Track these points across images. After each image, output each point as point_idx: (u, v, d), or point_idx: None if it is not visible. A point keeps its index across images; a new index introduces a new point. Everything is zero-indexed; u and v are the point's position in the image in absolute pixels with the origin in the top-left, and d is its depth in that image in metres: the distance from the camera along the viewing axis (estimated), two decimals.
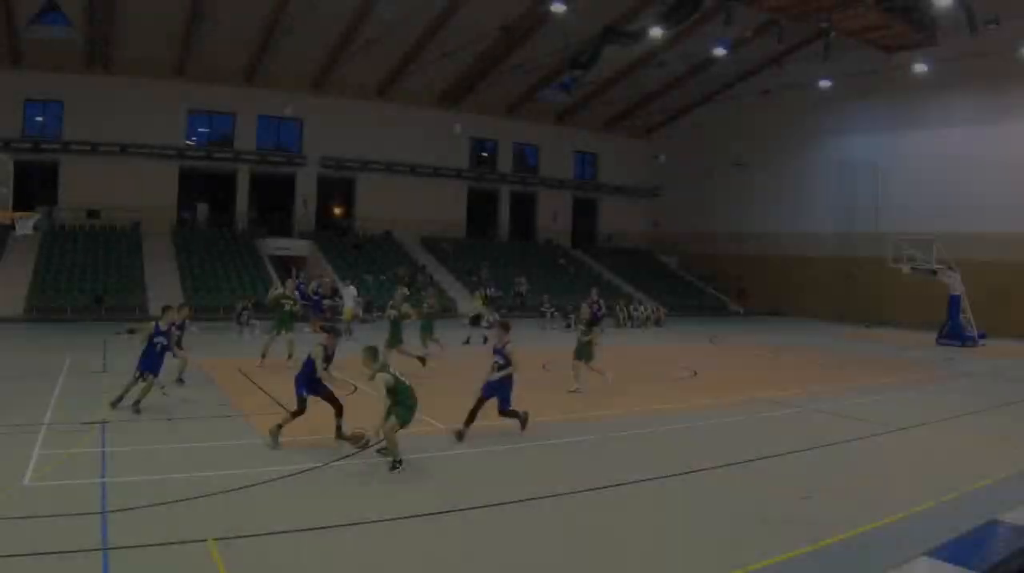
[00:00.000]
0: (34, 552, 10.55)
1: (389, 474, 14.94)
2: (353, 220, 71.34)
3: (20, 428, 17.60)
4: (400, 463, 15.14)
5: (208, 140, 67.33)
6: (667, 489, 14.79)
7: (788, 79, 64.21)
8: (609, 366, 26.29)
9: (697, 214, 78.34)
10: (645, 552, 11.63)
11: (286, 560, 10.83)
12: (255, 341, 31.97)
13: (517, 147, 79.15)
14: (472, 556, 11.24)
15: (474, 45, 59.09)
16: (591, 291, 38.31)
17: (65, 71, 58.33)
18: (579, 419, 20.68)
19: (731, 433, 20.13)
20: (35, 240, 53.16)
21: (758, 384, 28.27)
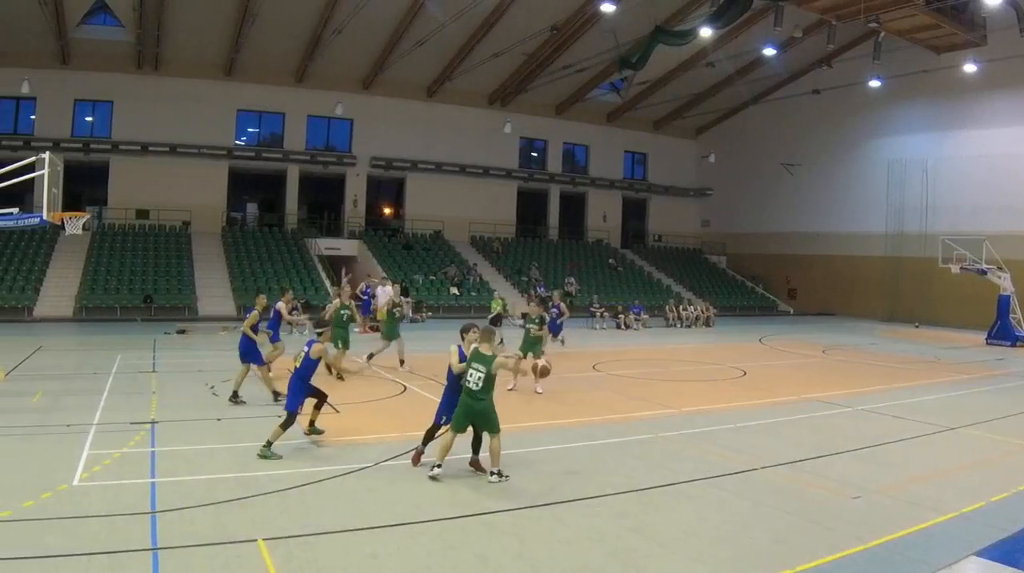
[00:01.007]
0: (85, 552, 10.57)
1: (440, 473, 14.69)
2: (403, 220, 71.27)
3: (70, 428, 17.67)
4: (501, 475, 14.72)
5: (258, 140, 67.61)
6: (716, 489, 14.66)
7: (838, 79, 63.83)
8: (655, 365, 26.26)
9: (746, 214, 78.22)
10: (693, 552, 11.53)
11: (336, 560, 10.79)
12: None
13: (567, 147, 78.88)
14: (523, 556, 11.18)
15: (524, 45, 59.20)
16: (555, 292, 38.89)
17: (115, 71, 58.75)
18: (628, 419, 20.58)
19: (780, 433, 19.98)
20: (85, 240, 53.86)
21: (807, 384, 28.14)
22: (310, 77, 63.83)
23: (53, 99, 58.39)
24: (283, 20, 55.18)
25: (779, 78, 70.21)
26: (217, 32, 56.79)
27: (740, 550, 11.77)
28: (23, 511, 12.09)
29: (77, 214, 23.83)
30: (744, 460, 16.65)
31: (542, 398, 22.97)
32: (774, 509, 13.59)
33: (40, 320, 45.95)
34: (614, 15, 52.28)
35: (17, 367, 26.98)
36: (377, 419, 17.27)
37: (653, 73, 65.86)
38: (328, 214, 70.47)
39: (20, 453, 15.65)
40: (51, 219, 21.43)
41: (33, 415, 19.23)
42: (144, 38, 56.21)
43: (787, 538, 12.20)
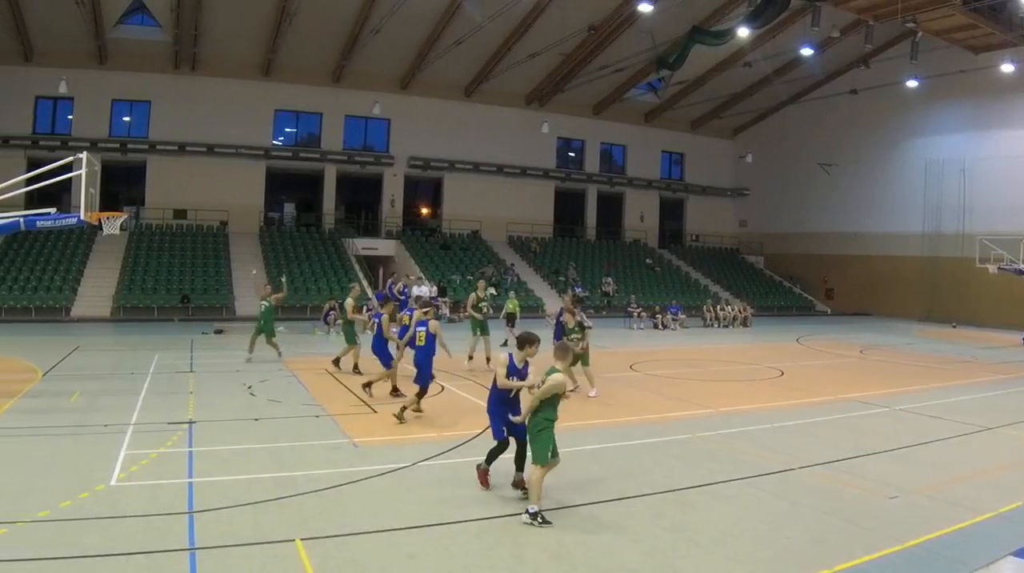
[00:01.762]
0: (122, 552, 10.59)
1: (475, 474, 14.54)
2: (440, 220, 71.40)
3: (108, 428, 17.73)
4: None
5: (295, 140, 67.86)
6: (753, 489, 14.61)
7: (875, 79, 63.42)
8: (692, 366, 26.77)
9: (784, 214, 78.18)
10: (730, 552, 11.48)
11: (373, 560, 10.78)
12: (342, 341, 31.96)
13: (604, 147, 78.81)
14: (560, 556, 11.14)
15: (561, 45, 59.05)
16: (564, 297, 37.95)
17: (152, 71, 59.14)
18: (665, 419, 20.53)
19: (817, 433, 19.84)
20: (122, 240, 54.29)
21: (845, 384, 27.96)
22: (347, 77, 64.01)
23: (91, 99, 58.71)
24: (321, 20, 55.42)
25: (817, 78, 70.07)
26: (254, 32, 57.10)
27: (778, 550, 11.72)
28: (61, 511, 12.11)
29: (114, 214, 23.84)
30: (781, 460, 16.59)
31: (578, 397, 22.66)
32: (811, 509, 13.52)
33: (78, 320, 46.19)
34: (652, 15, 52.18)
35: (55, 367, 27.13)
36: (415, 420, 17.17)
37: (691, 73, 66.10)
38: (365, 214, 70.85)
39: (58, 453, 15.68)
40: (88, 219, 21.46)
41: (71, 415, 19.27)
42: (181, 38, 56.57)
43: (824, 538, 12.14)
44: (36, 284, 48.88)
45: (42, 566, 10.08)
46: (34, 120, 58.85)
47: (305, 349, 28.80)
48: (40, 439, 16.73)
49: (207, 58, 59.73)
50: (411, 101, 67.08)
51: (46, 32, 54.25)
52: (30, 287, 48.52)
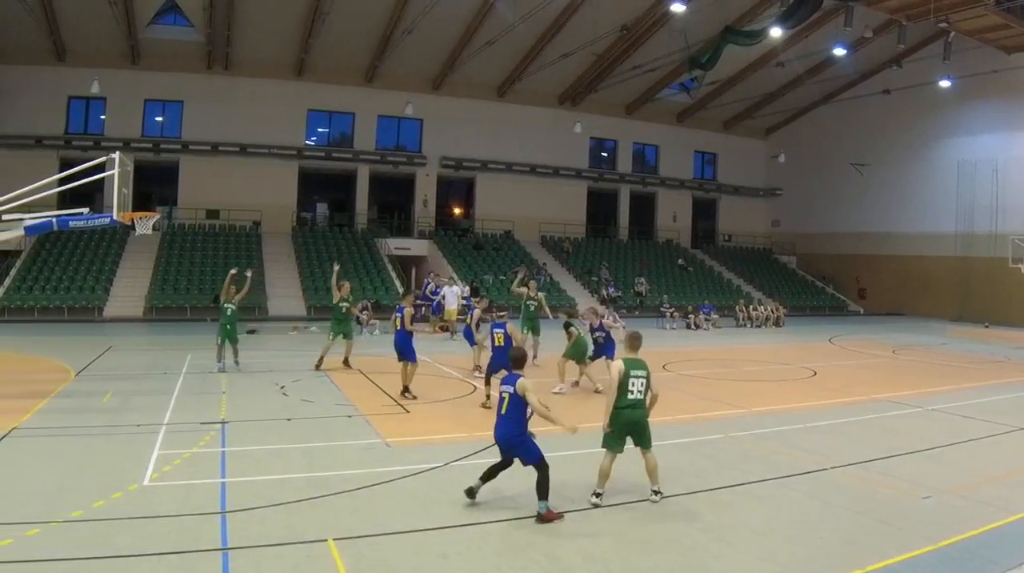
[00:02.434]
0: (155, 552, 10.64)
1: (508, 473, 14.23)
2: (473, 220, 71.41)
3: (140, 428, 17.83)
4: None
5: (328, 140, 68.10)
6: (786, 489, 14.62)
7: (908, 79, 63.16)
8: (725, 366, 27.83)
9: (816, 214, 77.98)
10: (763, 552, 11.48)
11: (406, 560, 10.80)
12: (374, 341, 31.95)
13: (637, 147, 78.79)
14: (593, 557, 11.13)
15: (594, 45, 59.16)
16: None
17: (185, 71, 59.49)
18: (698, 419, 20.53)
19: (850, 433, 19.81)
20: (155, 240, 54.59)
21: (877, 384, 27.90)
22: (380, 77, 64.14)
23: (123, 99, 59.07)
24: (353, 20, 55.49)
25: (849, 78, 69.82)
26: (287, 32, 57.32)
27: (810, 550, 11.71)
28: (94, 511, 12.16)
29: (147, 214, 23.87)
30: (814, 460, 16.57)
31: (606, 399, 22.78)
32: (844, 509, 13.48)
33: (110, 320, 46.48)
34: (684, 15, 52.18)
35: (88, 367, 27.27)
36: (447, 420, 17.25)
37: (723, 73, 65.85)
38: (398, 214, 71.11)
39: (90, 453, 15.76)
40: (121, 219, 21.51)
41: (104, 415, 19.38)
42: (214, 38, 56.87)
43: (857, 538, 12.12)
44: (69, 284, 49.14)
45: (75, 566, 10.13)
46: (67, 120, 59.14)
47: (338, 349, 28.73)
48: (73, 439, 16.80)
49: (240, 58, 59.99)
50: (444, 101, 67.13)
51: (79, 32, 54.58)
52: (63, 287, 48.76)
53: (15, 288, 47.98)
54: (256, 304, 49.21)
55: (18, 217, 21.03)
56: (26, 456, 15.45)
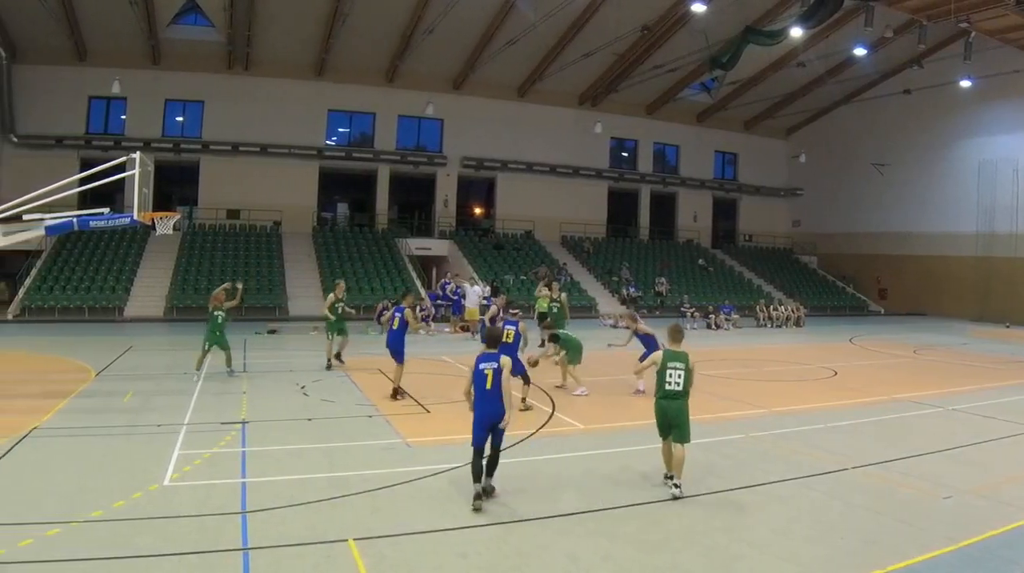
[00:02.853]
0: (175, 552, 10.67)
1: (529, 474, 14.95)
2: (493, 220, 71.47)
3: (161, 428, 17.88)
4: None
5: (348, 140, 68.14)
6: (807, 489, 14.58)
7: (928, 79, 62.87)
8: (746, 366, 28.60)
9: (837, 214, 77.88)
10: (784, 552, 11.46)
11: (426, 560, 10.81)
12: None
13: (657, 147, 78.69)
14: (612, 556, 11.13)
15: (614, 45, 59.08)
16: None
17: (205, 71, 59.79)
18: (718, 419, 20.45)
19: (871, 433, 19.78)
20: (175, 240, 54.82)
21: (898, 384, 27.85)
22: (400, 77, 64.26)
23: (144, 99, 59.33)
24: (374, 20, 55.74)
25: (870, 78, 69.70)
26: (308, 32, 57.46)
27: (831, 550, 11.69)
28: (114, 511, 12.20)
29: (167, 214, 23.95)
30: (835, 460, 16.52)
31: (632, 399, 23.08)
32: (865, 509, 13.46)
33: (131, 320, 46.56)
34: (705, 15, 52.11)
35: (108, 367, 27.39)
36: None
37: (744, 73, 65.93)
38: (419, 214, 71.24)
39: (111, 453, 15.80)
40: (142, 219, 21.58)
41: (124, 415, 19.46)
42: (235, 38, 57.11)
43: (878, 538, 12.09)
44: (89, 284, 49.27)
45: (96, 566, 10.17)
46: (87, 120, 59.39)
47: (358, 349, 28.76)
48: (93, 439, 16.87)
49: (260, 58, 60.21)
50: (464, 101, 67.28)
51: (99, 32, 54.81)
52: (83, 287, 48.89)
53: (36, 288, 48.11)
54: (276, 304, 49.58)
55: (39, 217, 21.10)
56: (47, 456, 15.47)
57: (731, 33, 55.50)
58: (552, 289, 34.64)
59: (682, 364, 14.24)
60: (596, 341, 28.90)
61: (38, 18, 50.89)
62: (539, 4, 53.01)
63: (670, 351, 14.59)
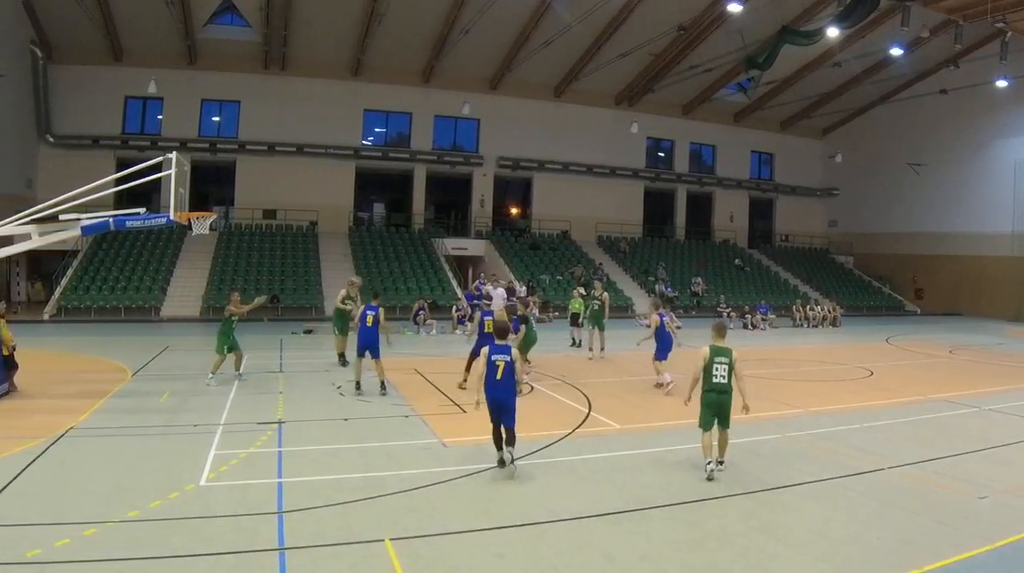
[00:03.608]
0: (211, 552, 10.69)
1: (566, 474, 14.97)
2: (530, 220, 71.55)
3: (197, 428, 17.95)
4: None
5: (385, 140, 68.32)
6: (843, 489, 14.48)
7: (965, 79, 62.66)
8: (782, 366, 28.98)
9: (873, 213, 77.65)
10: (820, 552, 11.39)
11: (463, 560, 10.77)
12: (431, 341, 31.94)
13: (694, 147, 78.62)
14: (649, 556, 11.09)
15: (651, 45, 59.23)
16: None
17: (242, 71, 60.15)
18: (755, 419, 19.74)
19: (907, 433, 19.69)
20: (212, 240, 55.11)
21: (934, 384, 27.74)
22: (437, 77, 64.45)
23: (180, 99, 59.68)
24: (410, 20, 55.90)
25: (906, 78, 69.36)
26: (344, 32, 57.64)
27: (867, 550, 11.63)
28: (150, 511, 12.23)
29: (204, 214, 24.00)
30: (871, 460, 16.44)
31: (668, 398, 23.09)
32: (901, 509, 13.40)
33: (167, 320, 46.77)
34: (741, 15, 52.13)
35: (144, 367, 27.60)
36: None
37: (780, 73, 65.69)
38: (455, 214, 71.39)
39: (147, 453, 15.84)
40: (178, 219, 21.67)
41: (160, 415, 19.54)
42: (271, 38, 57.43)
43: (914, 538, 12.03)
44: (126, 284, 49.59)
45: (132, 566, 10.19)
46: (124, 120, 59.80)
47: (394, 349, 28.86)
48: (130, 439, 16.94)
49: (296, 58, 60.45)
50: (500, 101, 67.38)
51: (136, 32, 55.18)
52: (119, 287, 49.21)
53: (72, 288, 48.42)
54: (312, 304, 49.75)
55: (75, 217, 21.23)
56: (83, 456, 15.51)
57: (767, 33, 55.49)
58: (596, 287, 34.66)
59: (727, 359, 15.16)
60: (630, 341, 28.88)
61: (74, 18, 51.34)
62: (575, 4, 53.12)
63: (715, 346, 15.34)
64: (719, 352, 15.26)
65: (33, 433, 16.82)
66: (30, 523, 11.59)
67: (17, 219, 21.21)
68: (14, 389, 21.67)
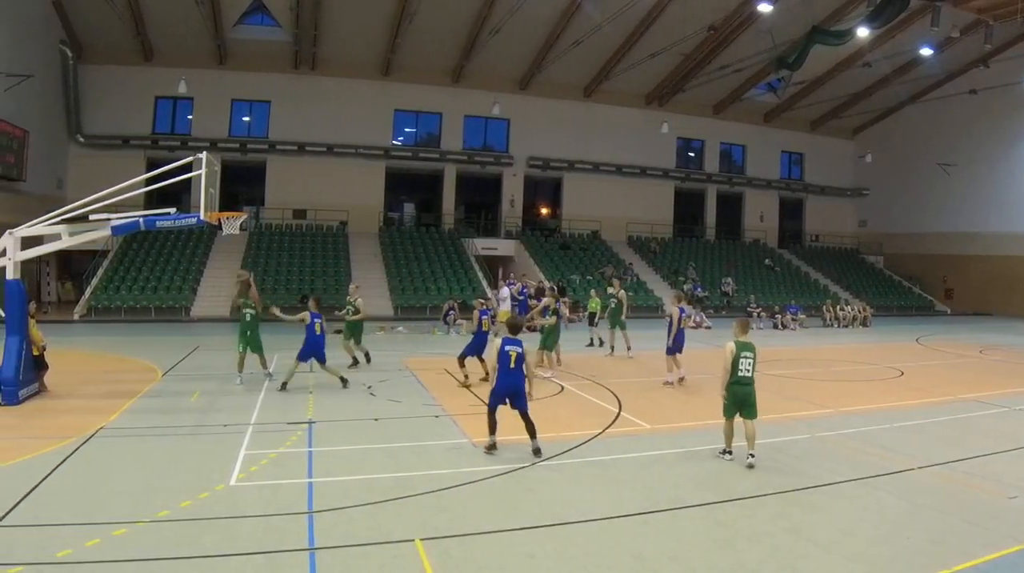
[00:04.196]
0: (242, 552, 10.71)
1: (596, 474, 14.95)
2: (560, 220, 71.58)
3: (227, 428, 18.01)
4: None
5: (415, 140, 68.48)
6: (873, 489, 14.44)
7: (995, 79, 62.55)
8: (812, 366, 29.44)
9: (903, 214, 77.50)
10: (850, 552, 11.33)
11: (492, 560, 10.77)
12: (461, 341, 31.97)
13: (724, 147, 78.61)
14: (679, 556, 11.06)
15: (681, 45, 59.19)
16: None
17: (272, 71, 60.43)
18: (785, 419, 20.36)
19: (937, 433, 19.58)
20: (242, 240, 55.50)
21: (964, 384, 27.56)
22: (467, 77, 64.62)
23: (210, 99, 60.03)
24: (440, 20, 56.08)
25: (936, 78, 69.25)
26: (374, 32, 57.81)
27: (897, 550, 11.57)
28: (181, 511, 12.26)
29: (234, 214, 23.94)
30: (901, 460, 16.39)
31: (697, 397, 23.14)
32: (931, 509, 13.36)
33: (197, 320, 46.90)
34: (771, 15, 52.36)
35: (175, 367, 27.78)
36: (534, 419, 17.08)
37: (810, 73, 65.79)
38: (485, 214, 71.30)
39: (178, 453, 15.89)
40: (208, 219, 21.66)
41: (190, 415, 19.61)
42: (301, 38, 57.63)
43: (944, 538, 11.97)
44: (156, 284, 49.86)
45: (162, 566, 10.21)
46: (154, 120, 60.19)
47: (425, 349, 28.77)
48: (160, 439, 17.00)
49: (327, 58, 60.66)
50: (530, 101, 67.55)
51: (166, 32, 55.51)
52: (150, 287, 49.48)
53: (102, 288, 48.64)
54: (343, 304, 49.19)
55: (105, 217, 21.24)
56: (113, 456, 15.58)
57: (797, 33, 55.51)
58: (616, 285, 34.67)
59: (751, 353, 16.02)
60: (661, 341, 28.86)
61: (105, 18, 51.73)
62: (605, 4, 53.14)
63: (740, 342, 16.10)
64: (744, 347, 15.99)
65: (63, 433, 16.88)
66: (60, 523, 11.61)
67: (47, 219, 21.30)
68: (44, 389, 21.78)
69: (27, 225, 21.14)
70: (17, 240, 20.80)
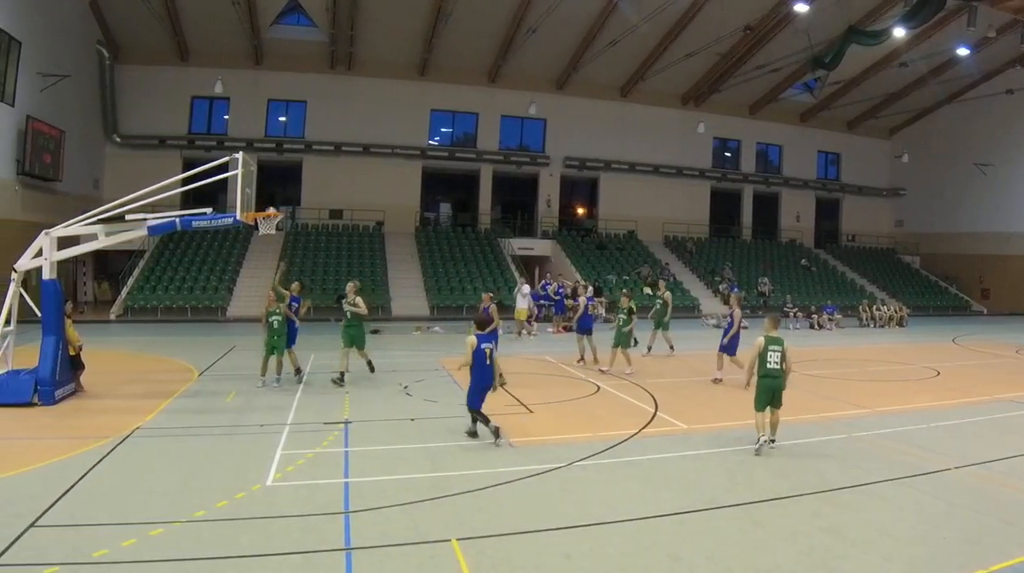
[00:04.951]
0: (278, 552, 10.74)
1: (633, 474, 14.95)
2: (596, 220, 71.45)
3: (264, 428, 18.10)
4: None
5: (451, 140, 68.50)
6: (909, 489, 14.39)
7: None
8: (848, 365, 29.25)
9: (939, 213, 77.21)
10: (886, 552, 11.29)
11: (529, 560, 10.76)
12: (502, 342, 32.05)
13: (760, 147, 78.39)
14: (715, 556, 11.03)
15: (717, 45, 59.01)
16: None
17: (308, 71, 60.59)
18: (821, 419, 20.37)
19: (974, 433, 19.48)
20: (278, 241, 55.66)
21: (1001, 384, 27.39)
22: (503, 77, 64.70)
23: (246, 99, 60.36)
24: (476, 20, 56.09)
25: (972, 78, 68.88)
26: (410, 32, 57.93)
27: (933, 550, 11.54)
28: (217, 511, 12.31)
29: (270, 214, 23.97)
30: (937, 460, 16.31)
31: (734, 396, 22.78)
32: (967, 509, 13.28)
33: (233, 320, 47.00)
34: (807, 15, 52.13)
35: (211, 367, 27.90)
36: (571, 419, 17.60)
37: (846, 73, 65.55)
38: (521, 214, 71.43)
39: (214, 453, 15.98)
40: (244, 219, 21.70)
41: (227, 415, 19.74)
42: (337, 38, 57.73)
43: (980, 538, 11.91)
44: (192, 284, 50.11)
45: (199, 566, 10.27)
46: (190, 120, 60.51)
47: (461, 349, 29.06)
48: (196, 439, 17.11)
49: (363, 58, 60.84)
50: (567, 101, 67.47)
51: (202, 32, 55.85)
52: (186, 287, 49.73)
53: (139, 288, 48.96)
54: (379, 304, 49.62)
55: (141, 217, 21.37)
56: (150, 455, 15.65)
57: (833, 33, 55.22)
58: (660, 286, 35.43)
59: (779, 347, 16.81)
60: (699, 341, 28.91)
61: (141, 19, 52.05)
62: (641, 4, 53.20)
63: (769, 337, 16.94)
64: (773, 341, 16.82)
65: (100, 433, 17.00)
66: (97, 523, 11.68)
67: (84, 219, 21.40)
68: (81, 389, 21.94)
69: (63, 225, 21.26)
70: (53, 240, 20.92)
